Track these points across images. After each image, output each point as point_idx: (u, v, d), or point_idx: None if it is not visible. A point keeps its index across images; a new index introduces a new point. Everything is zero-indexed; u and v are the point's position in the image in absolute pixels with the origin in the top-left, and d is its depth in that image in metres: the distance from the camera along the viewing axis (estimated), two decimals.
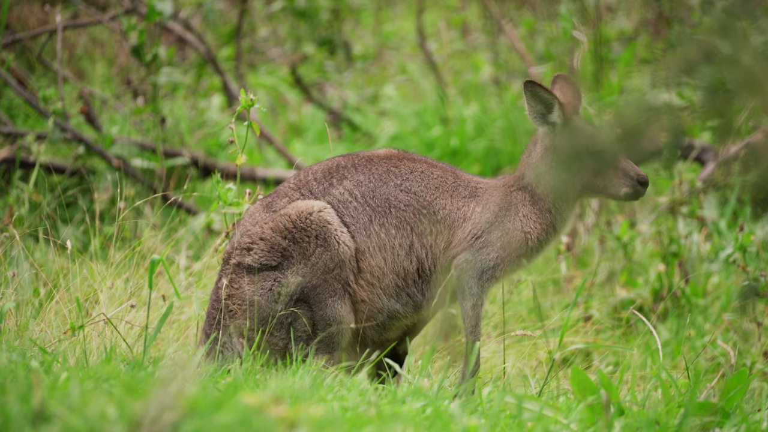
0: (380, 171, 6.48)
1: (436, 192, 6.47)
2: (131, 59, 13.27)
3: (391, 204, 6.43)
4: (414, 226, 6.43)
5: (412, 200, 6.44)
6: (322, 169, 6.48)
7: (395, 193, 6.44)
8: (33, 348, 6.02)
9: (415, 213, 6.44)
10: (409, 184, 6.47)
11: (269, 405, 4.43)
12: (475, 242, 6.41)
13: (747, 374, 5.82)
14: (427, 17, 16.15)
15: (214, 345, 6.38)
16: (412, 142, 13.83)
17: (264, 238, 6.34)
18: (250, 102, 6.70)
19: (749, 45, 4.81)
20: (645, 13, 13.82)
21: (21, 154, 10.04)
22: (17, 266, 7.54)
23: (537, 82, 6.39)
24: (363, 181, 6.44)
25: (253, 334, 6.31)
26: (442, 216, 6.44)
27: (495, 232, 6.43)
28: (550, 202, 6.49)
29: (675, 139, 4.85)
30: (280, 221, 6.34)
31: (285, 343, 6.31)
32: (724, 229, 10.11)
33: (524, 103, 6.47)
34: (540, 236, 6.47)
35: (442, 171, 6.52)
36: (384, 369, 6.49)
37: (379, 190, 6.44)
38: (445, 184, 6.48)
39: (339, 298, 6.32)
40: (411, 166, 6.50)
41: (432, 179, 6.48)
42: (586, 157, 6.20)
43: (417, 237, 6.42)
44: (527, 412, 5.38)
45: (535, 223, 6.46)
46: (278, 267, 6.32)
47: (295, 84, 14.79)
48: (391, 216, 6.42)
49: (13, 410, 4.26)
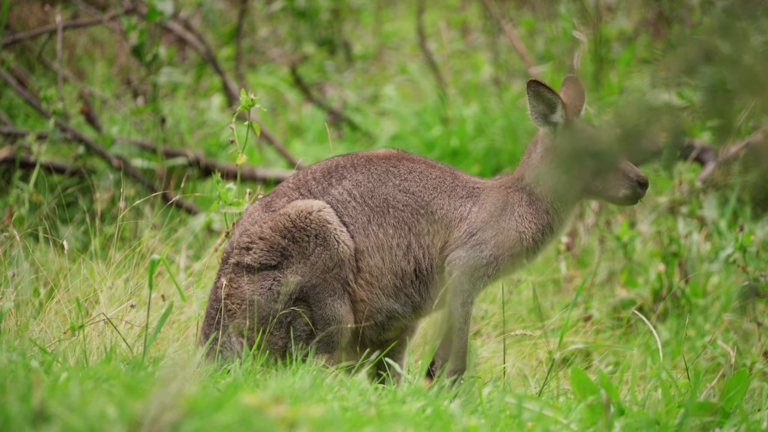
0: (379, 171, 6.47)
1: (434, 192, 6.47)
2: (131, 59, 13.27)
3: (390, 204, 6.42)
4: (412, 226, 6.42)
5: (410, 200, 6.44)
6: (321, 169, 6.48)
7: (394, 193, 6.44)
8: (33, 348, 6.02)
9: (413, 213, 6.43)
10: (408, 184, 6.46)
11: (269, 405, 4.43)
12: (470, 240, 6.41)
13: (747, 374, 5.82)
14: (427, 17, 16.16)
15: (213, 345, 6.37)
16: (412, 142, 13.83)
17: (263, 238, 6.34)
18: (251, 102, 6.70)
19: (749, 45, 4.81)
20: (645, 13, 13.82)
21: (21, 154, 10.03)
22: (17, 266, 7.54)
23: (541, 82, 6.38)
24: (362, 181, 6.44)
25: (253, 334, 6.31)
26: (439, 216, 6.44)
27: (489, 230, 6.43)
28: (548, 203, 6.48)
29: (675, 139, 4.85)
30: (280, 220, 6.34)
31: (285, 342, 6.30)
32: (724, 229, 10.11)
33: (527, 102, 6.45)
34: (535, 236, 6.46)
35: (441, 171, 6.51)
36: (384, 369, 6.49)
37: (378, 190, 6.44)
38: (444, 185, 6.48)
39: (338, 297, 6.31)
40: (410, 167, 6.49)
41: (430, 179, 6.48)
42: (586, 158, 6.19)
43: (415, 237, 6.42)
44: (527, 412, 5.38)
45: (531, 223, 6.46)
46: (278, 266, 6.31)
47: (295, 84, 14.79)
48: (390, 216, 6.41)
49: (13, 410, 4.26)
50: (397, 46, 16.47)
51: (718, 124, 4.92)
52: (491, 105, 14.10)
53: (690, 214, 9.82)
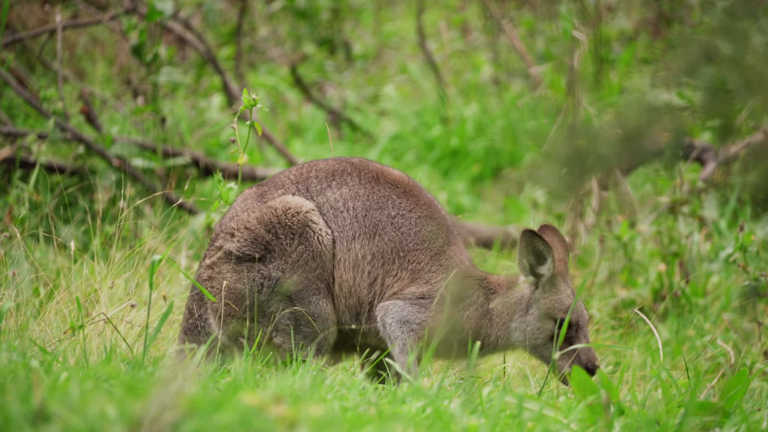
0: (381, 194, 6.35)
1: (421, 245, 6.32)
2: (131, 59, 13.27)
3: (378, 231, 6.30)
4: (386, 262, 6.29)
5: (396, 238, 6.30)
6: (327, 169, 6.39)
7: (385, 223, 6.31)
8: (33, 348, 6.02)
9: (393, 251, 6.30)
10: (402, 222, 6.32)
11: (269, 405, 4.43)
12: (416, 300, 6.29)
13: (747, 374, 5.82)
14: (427, 17, 16.15)
15: (194, 325, 6.36)
16: (412, 142, 13.84)
17: (249, 228, 6.29)
18: (253, 102, 6.69)
19: (750, 45, 4.81)
20: (645, 13, 13.82)
21: (21, 154, 10.03)
22: (17, 266, 7.54)
23: (536, 233, 6.21)
24: (361, 195, 6.33)
25: (229, 321, 6.27)
26: (412, 268, 6.32)
27: (437, 305, 6.31)
28: (497, 333, 6.35)
29: (676, 139, 4.85)
30: (266, 213, 6.29)
31: (269, 331, 6.27)
32: (724, 229, 10.11)
33: (517, 249, 6.27)
34: (472, 336, 6.34)
35: (438, 228, 6.35)
36: (384, 369, 6.47)
37: (373, 212, 6.31)
38: (434, 245, 6.33)
39: (324, 297, 6.28)
40: (412, 205, 6.34)
41: (424, 230, 6.32)
42: (551, 324, 6.18)
43: (384, 273, 6.29)
44: (527, 412, 5.38)
45: (472, 326, 6.35)
46: (261, 259, 6.26)
47: (295, 84, 14.79)
48: (374, 242, 6.28)
49: (13, 410, 4.26)
50: (397, 46, 16.47)
51: (718, 124, 4.92)
52: (491, 105, 14.10)
53: (691, 214, 9.82)
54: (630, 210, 10.13)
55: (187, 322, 6.41)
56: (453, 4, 16.81)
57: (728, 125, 4.88)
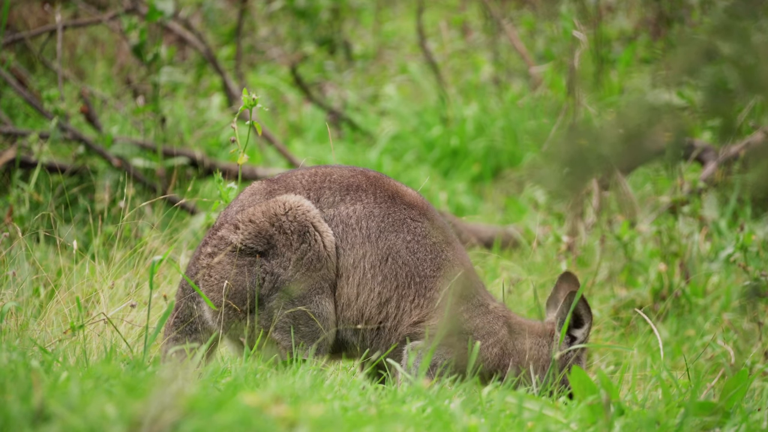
0: (397, 217, 6.26)
1: (438, 271, 6.26)
2: (131, 59, 13.27)
3: (391, 255, 6.21)
4: (401, 285, 6.22)
5: (412, 262, 6.23)
6: (341, 183, 6.30)
7: (400, 247, 6.22)
8: (33, 348, 6.02)
9: (408, 275, 6.23)
10: (417, 247, 6.24)
11: (269, 405, 4.42)
12: (443, 339, 6.22)
13: (747, 374, 5.82)
14: (427, 17, 16.16)
15: (185, 312, 6.35)
16: (412, 142, 13.84)
17: (253, 221, 6.26)
18: (253, 102, 6.68)
19: (750, 44, 4.81)
20: (645, 13, 13.82)
21: (21, 153, 10.03)
22: (18, 266, 7.54)
23: (584, 297, 6.23)
24: (376, 215, 6.24)
25: (222, 311, 6.25)
26: (430, 295, 6.26)
27: (461, 341, 6.29)
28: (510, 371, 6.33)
29: (677, 139, 4.85)
30: (273, 206, 6.26)
31: (267, 324, 6.24)
32: (724, 229, 10.11)
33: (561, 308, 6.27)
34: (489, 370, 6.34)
35: (453, 255, 6.29)
36: (384, 369, 6.47)
37: (387, 235, 6.23)
38: (448, 268, 6.27)
39: (327, 296, 6.25)
40: (427, 229, 6.27)
41: (440, 256, 6.27)
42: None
43: (398, 296, 6.23)
44: (527, 412, 5.38)
45: (493, 362, 6.34)
46: (264, 254, 6.22)
47: (295, 84, 14.79)
48: (386, 265, 6.21)
49: (13, 410, 4.26)
50: (397, 45, 16.47)
51: (718, 123, 4.92)
52: (491, 105, 14.10)
53: (691, 214, 9.82)
54: (630, 210, 10.12)
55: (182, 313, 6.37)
56: (453, 4, 16.80)
57: (729, 125, 4.88)
